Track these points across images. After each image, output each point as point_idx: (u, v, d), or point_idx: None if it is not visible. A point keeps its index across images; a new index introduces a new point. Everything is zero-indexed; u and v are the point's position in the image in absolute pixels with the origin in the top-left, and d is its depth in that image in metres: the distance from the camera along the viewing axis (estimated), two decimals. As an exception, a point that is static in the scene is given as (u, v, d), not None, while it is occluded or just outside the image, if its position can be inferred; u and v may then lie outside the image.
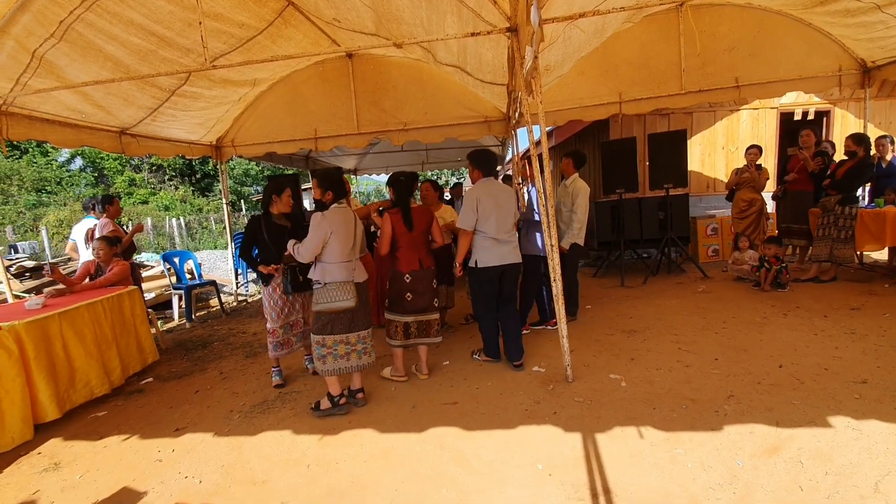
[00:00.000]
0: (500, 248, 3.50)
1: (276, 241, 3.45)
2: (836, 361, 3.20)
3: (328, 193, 3.12)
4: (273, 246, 3.47)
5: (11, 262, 10.26)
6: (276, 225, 3.52)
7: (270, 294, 3.55)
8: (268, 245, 3.48)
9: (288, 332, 3.64)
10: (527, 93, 3.17)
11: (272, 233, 3.49)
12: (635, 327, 4.29)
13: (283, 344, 3.61)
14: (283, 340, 3.61)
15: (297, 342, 3.73)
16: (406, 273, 3.43)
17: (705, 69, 5.47)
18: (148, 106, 4.92)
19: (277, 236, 3.47)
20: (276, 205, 3.53)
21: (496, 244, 3.49)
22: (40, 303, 3.63)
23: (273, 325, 3.57)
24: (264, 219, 3.51)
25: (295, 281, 3.37)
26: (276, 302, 3.56)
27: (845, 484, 2.02)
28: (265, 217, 3.53)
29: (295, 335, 3.71)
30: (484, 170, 3.58)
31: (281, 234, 3.46)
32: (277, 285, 3.51)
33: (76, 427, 3.27)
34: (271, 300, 3.56)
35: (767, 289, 5.10)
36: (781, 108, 7.57)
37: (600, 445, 2.47)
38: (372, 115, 6.04)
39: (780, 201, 5.98)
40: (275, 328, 3.57)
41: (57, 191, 21.44)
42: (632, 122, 7.47)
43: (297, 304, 3.66)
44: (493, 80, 4.88)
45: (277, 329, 3.57)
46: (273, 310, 3.57)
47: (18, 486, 2.58)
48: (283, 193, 3.55)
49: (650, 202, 6.58)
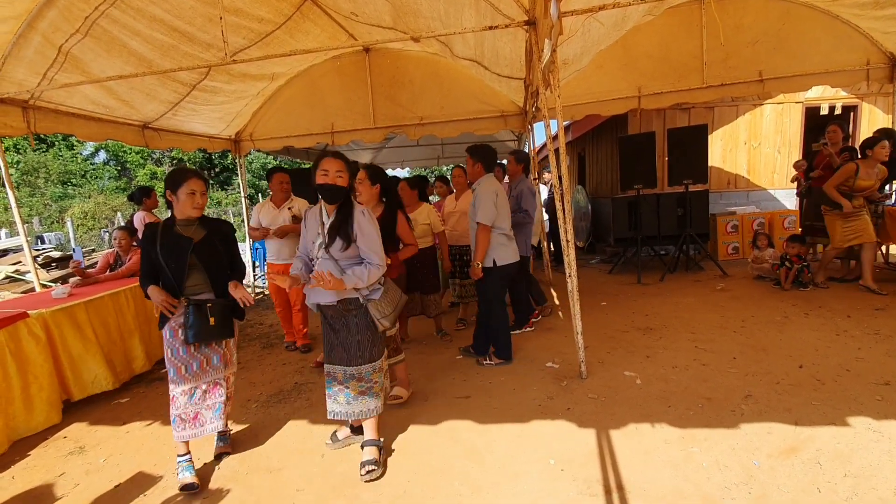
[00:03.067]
0: (512, 244, 3.51)
1: (175, 259, 2.36)
2: (858, 363, 3.13)
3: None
4: (168, 267, 2.35)
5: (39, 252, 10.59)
6: (176, 236, 2.39)
7: (169, 341, 2.40)
8: (161, 267, 2.37)
9: (199, 403, 2.43)
10: (544, 87, 3.14)
11: (167, 248, 2.36)
12: (651, 325, 4.25)
13: (188, 421, 2.41)
14: (189, 415, 2.41)
15: (214, 419, 2.47)
16: None
17: (728, 62, 5.35)
18: (169, 100, 5.00)
19: (175, 252, 2.36)
20: (176, 206, 2.38)
21: (509, 241, 3.49)
22: (66, 292, 3.74)
23: (173, 388, 2.40)
24: (162, 228, 2.41)
25: (203, 324, 2.34)
26: (178, 352, 2.40)
27: (864, 486, 1.98)
28: (164, 225, 2.42)
29: (210, 407, 2.46)
30: (487, 165, 3.56)
31: (180, 250, 2.36)
32: (179, 327, 2.39)
33: (100, 412, 3.37)
34: (170, 349, 2.41)
35: (788, 287, 4.99)
36: (807, 103, 7.37)
37: (614, 442, 2.46)
38: (388, 110, 6.05)
39: (803, 198, 5.84)
40: (175, 394, 2.40)
41: (81, 183, 22.00)
42: (651, 116, 7.36)
43: (213, 356, 2.47)
44: (511, 75, 4.84)
45: (178, 396, 2.39)
46: (172, 364, 2.40)
47: (45, 467, 2.68)
48: (180, 189, 2.34)
49: (669, 198, 6.48)
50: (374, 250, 2.36)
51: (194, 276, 2.42)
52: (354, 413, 2.45)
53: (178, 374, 2.39)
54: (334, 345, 2.45)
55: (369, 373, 2.45)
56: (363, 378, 2.44)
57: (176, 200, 2.35)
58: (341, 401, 2.46)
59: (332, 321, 2.46)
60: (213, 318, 2.36)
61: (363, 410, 2.45)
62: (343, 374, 2.44)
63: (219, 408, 2.47)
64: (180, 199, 2.33)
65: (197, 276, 2.42)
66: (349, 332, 2.42)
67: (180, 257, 2.36)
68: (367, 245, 2.35)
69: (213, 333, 2.38)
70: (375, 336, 2.47)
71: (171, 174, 2.40)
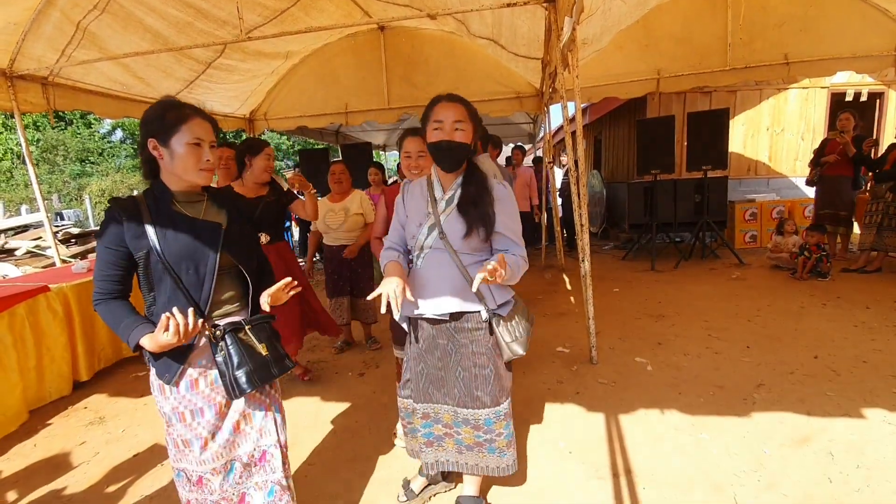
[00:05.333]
0: None
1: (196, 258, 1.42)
2: (875, 354, 3.07)
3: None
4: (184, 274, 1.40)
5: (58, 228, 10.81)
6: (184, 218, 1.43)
7: (183, 400, 1.45)
8: (160, 275, 1.40)
9: (241, 482, 1.55)
10: (563, 67, 3.08)
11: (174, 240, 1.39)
12: (664, 312, 4.21)
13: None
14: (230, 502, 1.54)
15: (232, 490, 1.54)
16: None
17: (752, 45, 5.18)
18: (185, 78, 5.01)
19: (193, 247, 1.41)
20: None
21: None
22: (86, 267, 3.82)
23: (185, 488, 1.53)
24: (150, 205, 1.41)
25: (256, 356, 1.46)
26: (201, 415, 1.47)
27: (877, 478, 1.96)
28: (152, 200, 1.42)
29: (261, 487, 1.56)
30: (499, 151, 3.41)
31: (204, 243, 1.43)
32: (206, 372, 1.47)
33: (118, 385, 3.46)
34: (188, 412, 1.46)
35: (805, 277, 4.90)
36: (832, 88, 7.14)
37: (623, 427, 2.46)
38: (402, 90, 5.99)
39: (815, 187, 5.69)
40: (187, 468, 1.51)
41: (99, 161, 22.28)
42: (671, 100, 7.19)
43: (254, 411, 1.55)
44: (528, 54, 4.75)
45: (209, 478, 1.51)
46: (192, 434, 1.47)
47: (66, 436, 2.77)
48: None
49: (686, 184, 6.36)
50: (519, 236, 1.68)
51: (225, 286, 1.50)
52: (468, 466, 1.77)
53: (203, 448, 1.48)
54: (439, 375, 1.74)
55: (491, 421, 1.71)
56: (480, 427, 1.72)
57: (170, 152, 1.37)
58: (449, 447, 1.78)
59: (434, 342, 1.72)
60: (262, 344, 1.49)
61: (479, 466, 1.76)
62: (453, 416, 1.75)
63: (272, 491, 1.57)
64: (177, 151, 1.37)
65: (229, 284, 1.51)
66: (462, 362, 1.69)
67: (206, 255, 1.42)
68: (513, 229, 1.67)
69: (271, 369, 1.49)
70: (500, 369, 1.72)
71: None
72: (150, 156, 1.41)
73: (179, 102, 1.43)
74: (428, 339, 1.73)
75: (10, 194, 17.54)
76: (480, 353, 1.68)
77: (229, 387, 1.43)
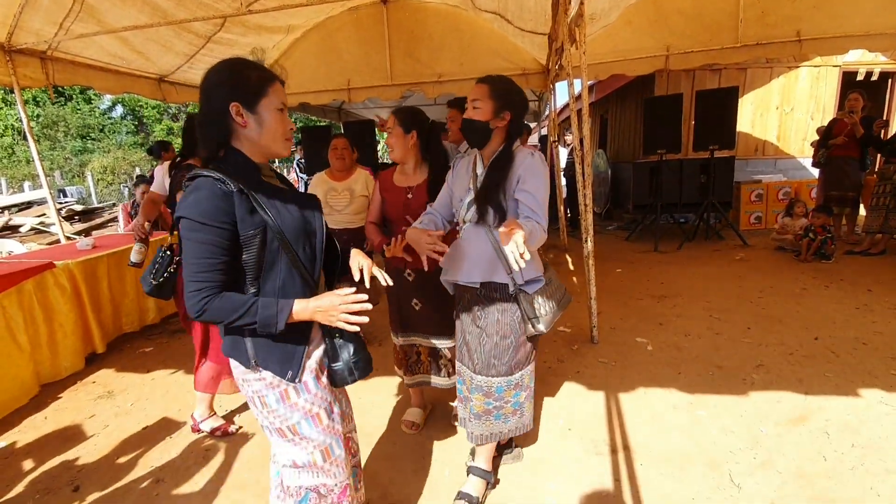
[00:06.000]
0: None
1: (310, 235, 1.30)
2: (875, 336, 3.09)
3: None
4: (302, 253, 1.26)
5: (62, 205, 10.83)
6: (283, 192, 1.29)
7: (317, 398, 1.32)
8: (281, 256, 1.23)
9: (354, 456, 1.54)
10: (570, 43, 3.01)
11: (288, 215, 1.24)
12: (666, 293, 4.22)
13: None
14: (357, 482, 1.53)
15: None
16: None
17: (765, 20, 5.04)
18: (185, 52, 4.93)
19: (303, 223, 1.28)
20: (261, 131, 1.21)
21: None
22: (90, 244, 3.84)
23: (333, 477, 1.38)
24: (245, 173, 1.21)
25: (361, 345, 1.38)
26: (333, 414, 1.37)
27: (871, 457, 1.99)
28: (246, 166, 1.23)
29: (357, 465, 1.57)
30: None
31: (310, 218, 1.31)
32: (320, 361, 1.35)
33: (126, 360, 3.51)
34: (322, 410, 1.33)
35: (809, 259, 4.89)
36: (844, 67, 6.98)
37: (622, 405, 2.49)
38: (406, 66, 5.88)
39: (822, 168, 5.62)
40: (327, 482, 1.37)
41: (100, 138, 22.17)
42: (679, 77, 7.05)
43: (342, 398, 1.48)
44: (534, 29, 4.65)
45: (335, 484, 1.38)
46: (329, 434, 1.36)
47: (76, 409, 2.83)
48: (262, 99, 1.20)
49: (692, 164, 6.29)
50: (540, 206, 1.61)
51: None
52: (475, 435, 1.85)
53: (347, 449, 1.41)
54: (466, 340, 1.85)
55: (501, 388, 1.79)
56: (492, 394, 1.79)
57: (257, 119, 1.20)
58: (466, 409, 1.89)
59: (467, 309, 1.83)
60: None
61: (484, 434, 1.83)
62: (470, 381, 1.84)
63: (353, 473, 1.50)
64: (265, 117, 1.21)
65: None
66: (486, 330, 1.76)
67: (315, 229, 1.30)
68: (533, 196, 1.60)
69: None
70: (521, 342, 1.78)
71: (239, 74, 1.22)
72: (224, 124, 1.20)
73: (255, 62, 1.25)
74: (464, 305, 1.84)
75: (13, 171, 17.52)
76: (505, 324, 1.74)
77: (346, 373, 1.31)
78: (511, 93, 1.68)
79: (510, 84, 1.70)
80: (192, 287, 1.13)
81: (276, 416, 1.29)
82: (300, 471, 1.34)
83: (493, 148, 1.71)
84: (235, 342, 1.25)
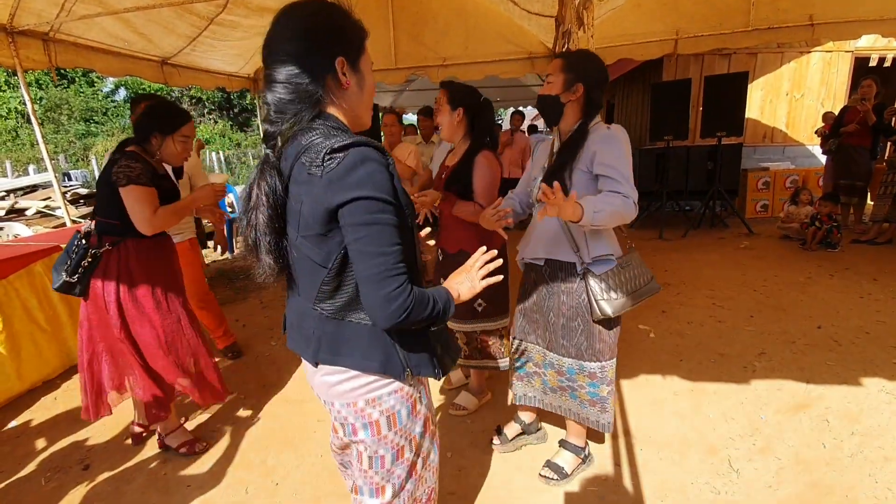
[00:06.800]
0: None
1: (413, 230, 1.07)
2: (878, 325, 3.09)
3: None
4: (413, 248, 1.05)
5: (66, 189, 10.85)
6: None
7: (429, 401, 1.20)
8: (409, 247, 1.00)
9: None
10: (577, 26, 2.96)
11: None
12: (670, 280, 4.22)
13: None
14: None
15: None
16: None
17: (777, 4, 4.93)
18: (187, 35, 4.88)
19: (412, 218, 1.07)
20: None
21: None
22: (96, 227, 3.85)
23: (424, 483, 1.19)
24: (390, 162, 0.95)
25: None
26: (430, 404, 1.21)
27: (870, 445, 2.01)
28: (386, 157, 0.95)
29: None
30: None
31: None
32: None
33: (133, 342, 3.56)
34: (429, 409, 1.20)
35: (814, 248, 4.86)
36: (857, 53, 6.84)
37: (623, 391, 2.51)
38: (410, 49, 5.81)
39: (832, 155, 5.56)
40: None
41: (103, 121, 22.11)
42: (688, 62, 6.94)
43: None
44: (541, 12, 4.57)
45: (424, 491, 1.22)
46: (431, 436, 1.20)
47: (86, 389, 2.87)
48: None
49: (699, 151, 6.23)
50: (623, 176, 1.47)
51: None
52: (553, 406, 1.86)
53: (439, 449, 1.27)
54: (534, 317, 1.82)
55: (573, 370, 1.74)
56: (563, 373, 1.77)
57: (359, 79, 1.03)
58: (536, 385, 1.88)
59: (535, 286, 1.79)
60: None
61: (563, 408, 1.84)
62: (542, 357, 1.83)
63: None
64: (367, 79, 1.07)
65: None
66: (555, 308, 1.72)
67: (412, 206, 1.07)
68: (613, 166, 1.48)
69: None
70: (591, 327, 1.67)
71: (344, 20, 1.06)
72: (323, 83, 0.96)
73: (343, 9, 0.99)
74: (530, 283, 1.83)
75: (17, 154, 17.53)
76: (570, 306, 1.69)
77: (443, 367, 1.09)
78: (585, 65, 1.57)
79: (586, 56, 1.61)
80: (393, 284, 0.90)
81: (401, 436, 1.08)
82: (406, 487, 1.12)
83: (570, 124, 1.63)
84: (389, 354, 1.02)
